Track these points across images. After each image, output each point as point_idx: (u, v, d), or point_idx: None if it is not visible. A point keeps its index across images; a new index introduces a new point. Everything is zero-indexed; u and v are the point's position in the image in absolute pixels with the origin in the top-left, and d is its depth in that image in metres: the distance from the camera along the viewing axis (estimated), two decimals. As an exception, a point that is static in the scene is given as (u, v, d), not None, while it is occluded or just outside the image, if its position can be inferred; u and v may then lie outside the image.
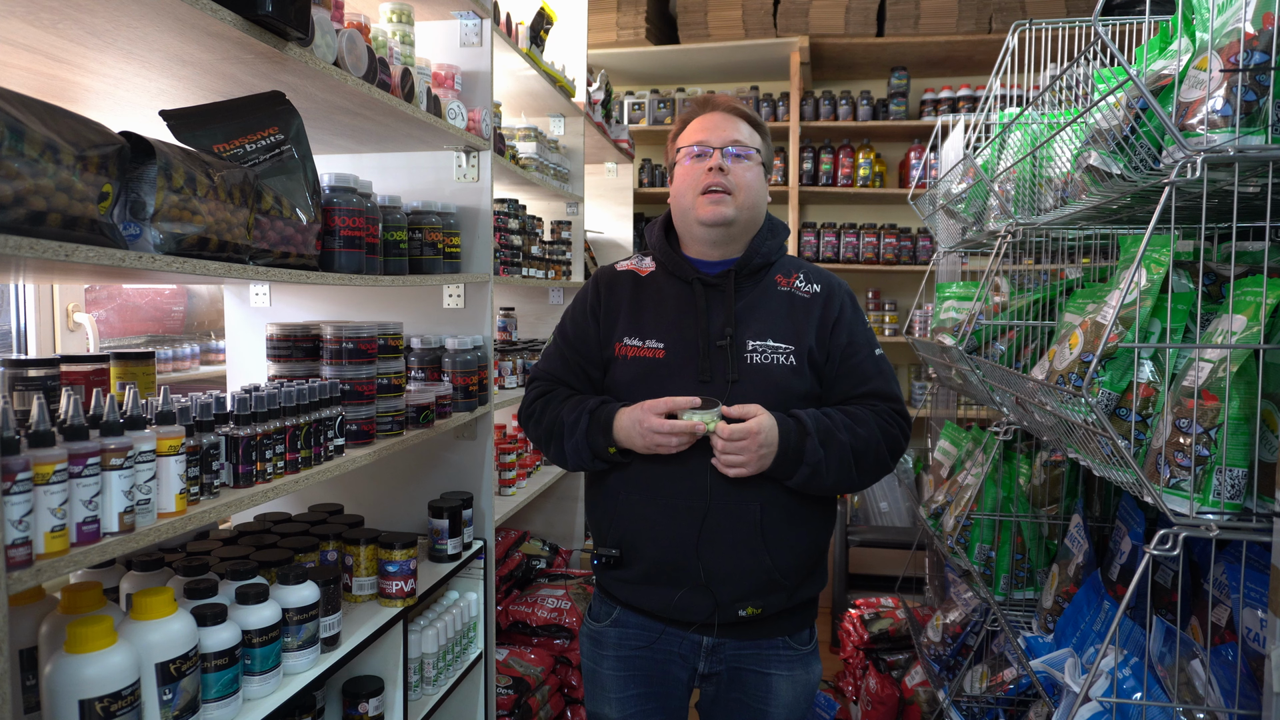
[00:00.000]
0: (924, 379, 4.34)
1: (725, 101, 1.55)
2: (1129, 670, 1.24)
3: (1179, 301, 1.22)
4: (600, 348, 1.56)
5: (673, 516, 1.45)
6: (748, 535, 1.44)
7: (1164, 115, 1.04)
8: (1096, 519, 1.80)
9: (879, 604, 3.05)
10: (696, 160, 1.50)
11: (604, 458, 1.47)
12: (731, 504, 1.43)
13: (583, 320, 1.59)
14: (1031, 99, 1.71)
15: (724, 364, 1.46)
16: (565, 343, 1.61)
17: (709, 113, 1.54)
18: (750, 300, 1.52)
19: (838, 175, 4.37)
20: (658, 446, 1.40)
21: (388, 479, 2.16)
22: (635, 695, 1.54)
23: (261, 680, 1.30)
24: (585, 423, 1.47)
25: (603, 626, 1.58)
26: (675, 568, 1.46)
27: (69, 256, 0.91)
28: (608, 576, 1.55)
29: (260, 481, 1.33)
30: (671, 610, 1.49)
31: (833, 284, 1.57)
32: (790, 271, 1.57)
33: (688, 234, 1.55)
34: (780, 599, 1.48)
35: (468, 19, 2.10)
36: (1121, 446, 1.07)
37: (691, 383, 1.45)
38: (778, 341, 1.48)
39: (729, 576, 1.45)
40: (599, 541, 1.55)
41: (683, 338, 1.49)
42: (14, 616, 1.12)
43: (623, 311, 1.55)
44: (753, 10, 4.30)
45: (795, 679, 1.53)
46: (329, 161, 2.11)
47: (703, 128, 1.52)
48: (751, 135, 1.53)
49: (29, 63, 1.23)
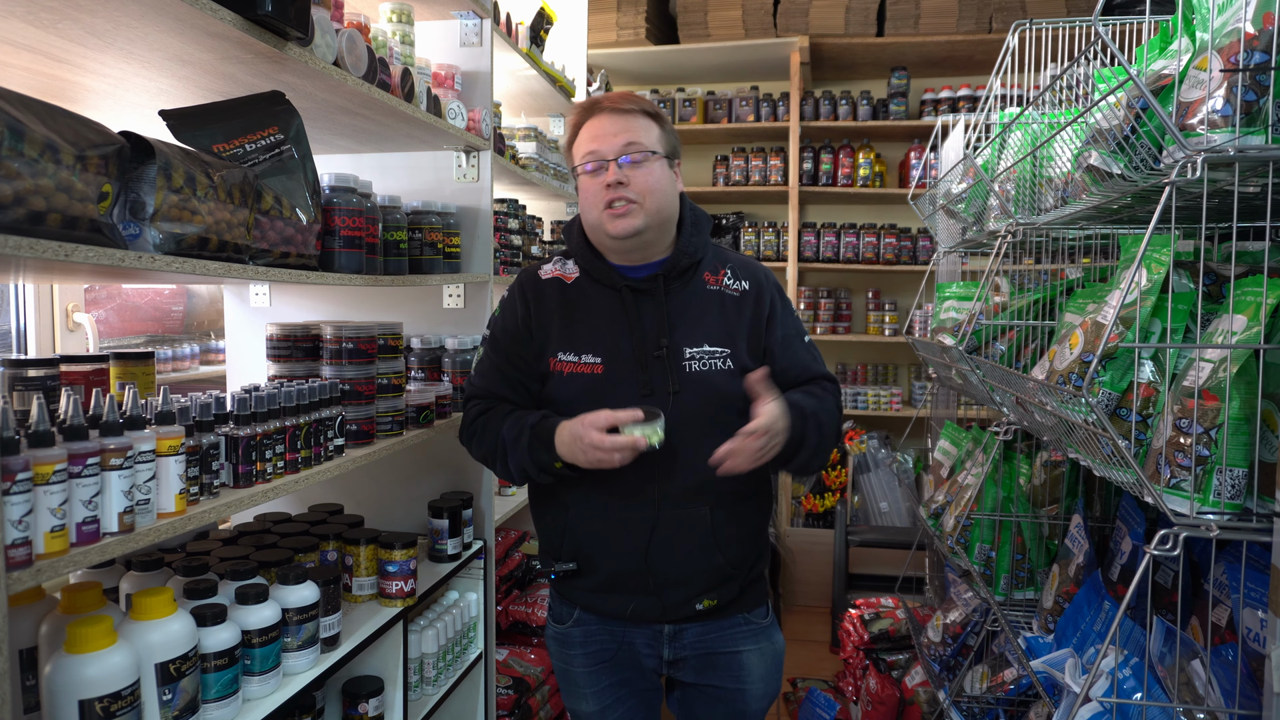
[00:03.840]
0: (924, 379, 4.34)
1: (611, 101, 1.47)
2: (1129, 670, 1.24)
3: (1179, 301, 1.21)
4: (535, 360, 1.52)
5: (625, 529, 1.47)
6: (700, 538, 1.46)
7: (1164, 115, 1.04)
8: (1097, 519, 1.80)
9: (879, 604, 3.05)
10: (593, 175, 1.44)
11: (551, 473, 1.44)
12: (681, 511, 1.45)
13: (515, 332, 1.54)
14: (1031, 99, 1.71)
15: (663, 375, 1.45)
16: (500, 356, 1.55)
17: (596, 116, 1.46)
18: (681, 303, 1.49)
19: (838, 175, 4.37)
20: (599, 463, 1.35)
21: (388, 479, 2.16)
22: (609, 685, 1.57)
23: (261, 680, 1.30)
24: (527, 439, 1.43)
25: (566, 628, 1.59)
26: (631, 575, 1.48)
27: (69, 256, 0.91)
28: (565, 585, 1.57)
29: (260, 481, 1.33)
30: (629, 615, 1.52)
31: (760, 278, 1.55)
32: (717, 267, 1.54)
33: (602, 246, 1.51)
34: (733, 588, 1.52)
35: (468, 19, 2.10)
36: (1122, 446, 1.07)
37: (633, 397, 1.43)
38: (713, 345, 1.47)
39: (683, 579, 1.48)
40: (550, 552, 1.56)
41: (619, 350, 1.46)
42: (14, 616, 1.12)
43: (554, 324, 1.51)
44: (753, 10, 4.30)
45: (763, 651, 1.57)
46: (329, 161, 2.11)
47: (593, 136, 1.44)
48: (648, 130, 1.45)
49: (29, 63, 1.22)
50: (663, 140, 1.48)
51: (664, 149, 1.48)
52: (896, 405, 4.31)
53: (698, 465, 1.42)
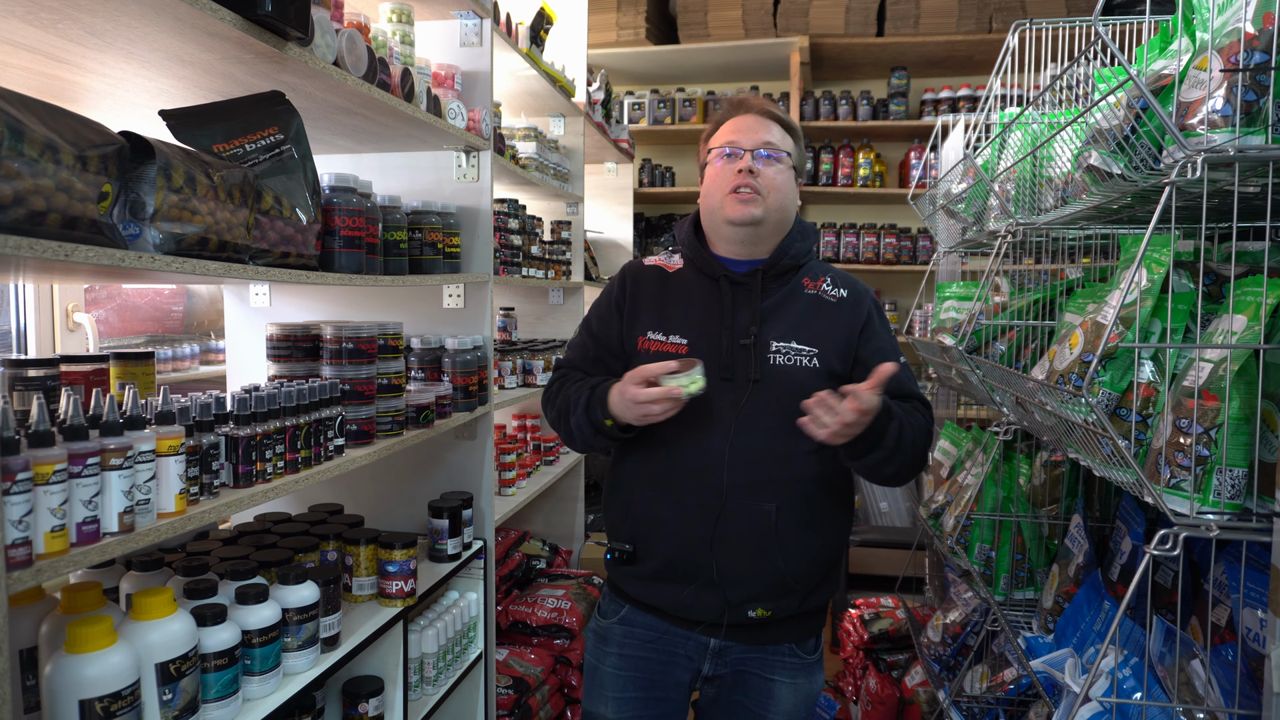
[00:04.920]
0: (924, 379, 4.34)
1: (759, 104, 1.54)
2: (1129, 670, 1.24)
3: (1179, 301, 1.21)
4: (622, 341, 1.57)
5: (686, 514, 1.45)
6: (761, 537, 1.43)
7: (1164, 115, 1.04)
8: (1096, 519, 1.80)
9: (879, 604, 3.05)
10: (728, 161, 1.49)
11: (604, 432, 1.46)
12: (746, 504, 1.43)
13: (607, 313, 1.60)
14: (1032, 99, 1.71)
15: (746, 362, 1.46)
16: (589, 334, 1.62)
17: (742, 114, 1.53)
18: (776, 301, 1.51)
19: (838, 175, 4.37)
20: (644, 415, 1.37)
21: (388, 479, 2.16)
22: (634, 699, 1.54)
23: (261, 680, 1.30)
24: (585, 398, 1.48)
25: (609, 623, 1.58)
26: (687, 565, 1.46)
27: (69, 256, 0.91)
28: (619, 572, 1.55)
29: (260, 481, 1.33)
30: (680, 608, 1.49)
31: (859, 290, 1.57)
32: (818, 275, 1.57)
33: (716, 233, 1.54)
34: (791, 603, 1.47)
35: (468, 19, 2.10)
36: (1122, 446, 1.07)
37: (713, 379, 1.43)
38: (801, 344, 1.48)
39: (741, 577, 1.45)
40: (613, 537, 1.56)
41: (707, 334, 1.49)
42: (14, 616, 1.12)
43: (648, 306, 1.55)
44: (753, 10, 4.30)
45: (798, 687, 1.52)
46: (329, 161, 2.11)
47: (735, 129, 1.51)
48: (784, 138, 1.52)
49: (29, 63, 1.22)
50: (795, 152, 1.54)
51: (795, 160, 1.54)
52: (896, 405, 4.30)
53: (768, 460, 1.43)
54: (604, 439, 1.49)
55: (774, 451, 1.43)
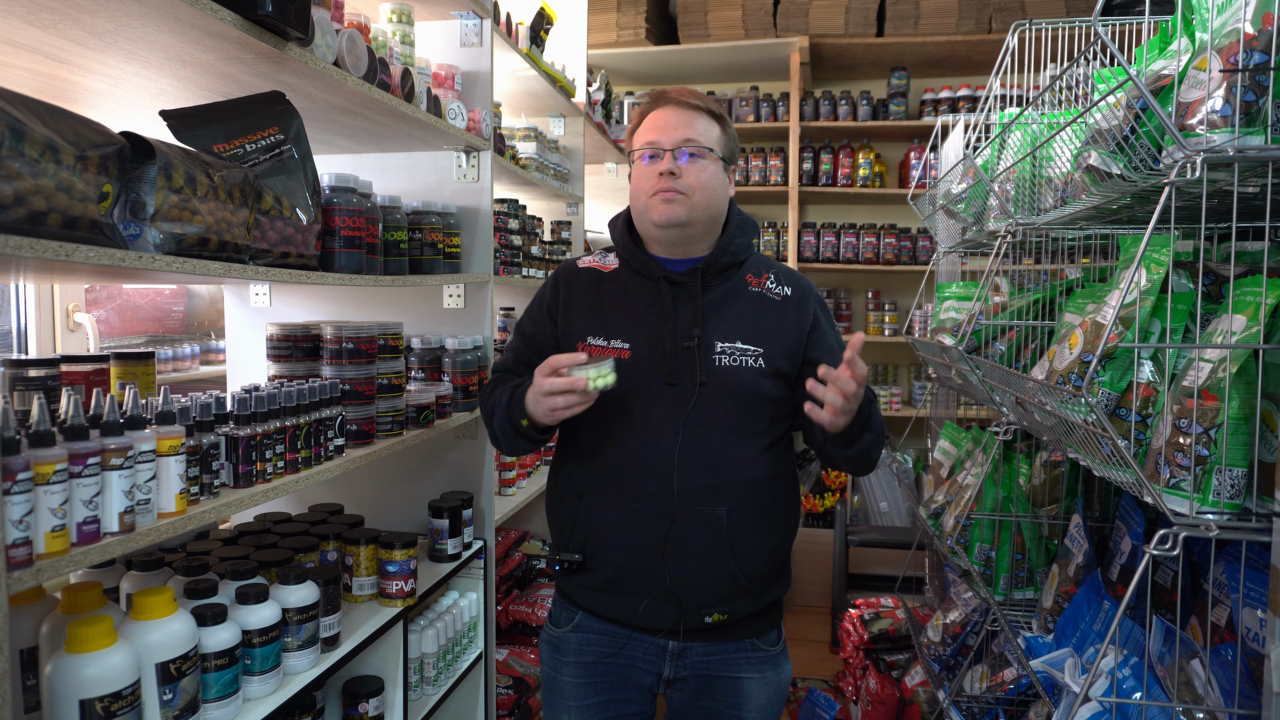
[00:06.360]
0: (924, 379, 4.34)
1: (679, 94, 1.47)
2: (1129, 670, 1.24)
3: (1179, 301, 1.22)
4: (556, 346, 1.52)
5: (637, 521, 1.42)
6: (715, 542, 1.41)
7: (1164, 115, 1.04)
8: (1096, 519, 1.80)
9: (879, 604, 3.06)
10: (650, 162, 1.45)
11: (522, 433, 1.44)
12: (698, 509, 1.41)
13: (540, 318, 1.57)
14: (1031, 99, 1.71)
15: (691, 365, 1.43)
16: (522, 338, 1.60)
17: (661, 108, 1.47)
18: (718, 299, 1.48)
19: (838, 175, 4.37)
20: (551, 409, 1.33)
21: (388, 479, 2.16)
22: (597, 704, 1.51)
23: (261, 680, 1.30)
24: (506, 399, 1.45)
25: (563, 632, 1.54)
26: (640, 574, 1.43)
27: (69, 256, 0.91)
28: (569, 582, 1.52)
29: (260, 481, 1.33)
30: (637, 618, 1.46)
31: (804, 287, 1.53)
32: (761, 271, 1.53)
33: (646, 234, 1.51)
34: (746, 604, 1.46)
35: (468, 19, 2.10)
36: (1121, 446, 1.07)
37: (658, 384, 1.42)
38: (747, 344, 1.45)
39: (695, 583, 1.42)
40: (559, 544, 1.52)
41: (649, 338, 1.45)
42: (14, 616, 1.12)
43: (584, 310, 1.51)
44: (753, 10, 4.30)
45: (766, 680, 1.51)
46: (329, 161, 2.11)
47: (655, 126, 1.45)
48: (708, 130, 1.46)
49: (29, 63, 1.23)
50: (722, 142, 1.49)
51: (722, 151, 1.48)
52: (896, 405, 4.31)
53: (718, 464, 1.41)
54: (524, 441, 1.46)
55: (724, 455, 1.41)
